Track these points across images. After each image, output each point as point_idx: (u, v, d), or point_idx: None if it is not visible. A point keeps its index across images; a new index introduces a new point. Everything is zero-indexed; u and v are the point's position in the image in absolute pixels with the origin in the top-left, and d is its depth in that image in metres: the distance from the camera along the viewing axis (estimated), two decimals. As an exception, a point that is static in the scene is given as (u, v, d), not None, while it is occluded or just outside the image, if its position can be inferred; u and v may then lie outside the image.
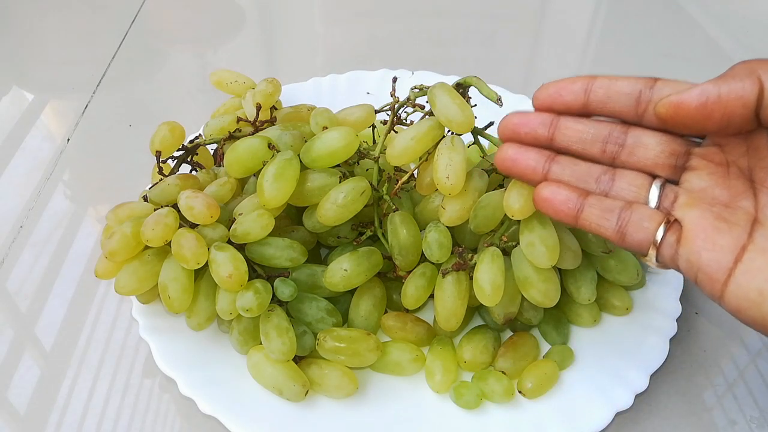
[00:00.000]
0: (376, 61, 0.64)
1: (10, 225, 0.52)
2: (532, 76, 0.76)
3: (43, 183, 0.56)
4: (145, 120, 0.63)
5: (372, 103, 0.48)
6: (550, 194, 0.33)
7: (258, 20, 0.84)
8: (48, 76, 0.72)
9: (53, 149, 0.60)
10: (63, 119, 0.64)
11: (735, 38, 0.79)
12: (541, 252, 0.37)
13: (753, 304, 0.27)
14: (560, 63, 0.78)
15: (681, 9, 0.85)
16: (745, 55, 0.73)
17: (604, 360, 0.41)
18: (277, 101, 0.54)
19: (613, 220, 0.31)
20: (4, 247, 0.50)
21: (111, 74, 0.70)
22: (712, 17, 0.84)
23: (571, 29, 0.84)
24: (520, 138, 0.34)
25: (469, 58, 0.77)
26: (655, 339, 0.41)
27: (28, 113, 0.65)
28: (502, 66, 0.76)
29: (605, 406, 0.38)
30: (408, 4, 0.87)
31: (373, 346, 0.40)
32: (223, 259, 0.38)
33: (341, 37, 0.81)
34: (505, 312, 0.40)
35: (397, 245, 0.41)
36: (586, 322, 0.43)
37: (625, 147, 0.33)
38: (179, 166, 0.47)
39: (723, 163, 0.31)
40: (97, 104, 0.65)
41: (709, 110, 0.28)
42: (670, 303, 0.43)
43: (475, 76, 0.42)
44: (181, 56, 0.77)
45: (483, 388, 0.39)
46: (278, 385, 0.38)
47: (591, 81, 0.33)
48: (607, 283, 0.43)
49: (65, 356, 0.43)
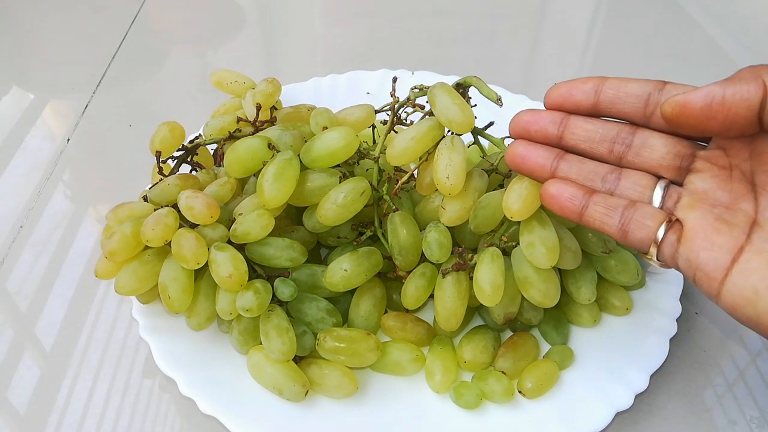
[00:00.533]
0: (376, 61, 0.64)
1: (10, 225, 0.52)
2: (532, 76, 0.76)
3: (43, 183, 0.56)
4: (145, 120, 0.63)
5: (372, 103, 0.48)
6: (556, 191, 0.33)
7: (258, 20, 0.84)
8: (48, 76, 0.72)
9: (53, 149, 0.60)
10: (63, 119, 0.64)
11: (735, 38, 0.79)
12: (541, 252, 0.37)
13: (748, 302, 0.28)
14: (560, 63, 0.78)
15: (681, 9, 0.85)
16: (745, 55, 0.73)
17: (604, 360, 0.41)
18: (277, 101, 0.54)
19: (617, 218, 0.32)
20: (4, 247, 0.50)
21: (111, 74, 0.70)
22: (712, 17, 0.84)
23: (571, 29, 0.84)
24: (530, 135, 0.35)
25: (469, 58, 0.77)
26: (655, 339, 0.41)
27: (28, 113, 0.65)
28: (502, 66, 0.76)
29: (605, 406, 0.38)
30: (408, 4, 0.87)
31: (373, 346, 0.40)
32: (223, 259, 0.38)
33: (341, 37, 0.81)
34: (505, 312, 0.40)
35: (397, 245, 0.41)
36: (586, 322, 0.43)
37: (632, 147, 0.33)
38: (179, 166, 0.47)
39: (726, 166, 0.31)
40: (97, 104, 0.65)
41: (714, 111, 0.29)
42: (670, 303, 0.43)
43: (475, 76, 0.42)
44: (181, 56, 0.77)
45: (483, 388, 0.39)
46: (278, 385, 0.38)
47: (602, 82, 0.33)
48: (607, 283, 0.43)
49: (65, 356, 0.43)
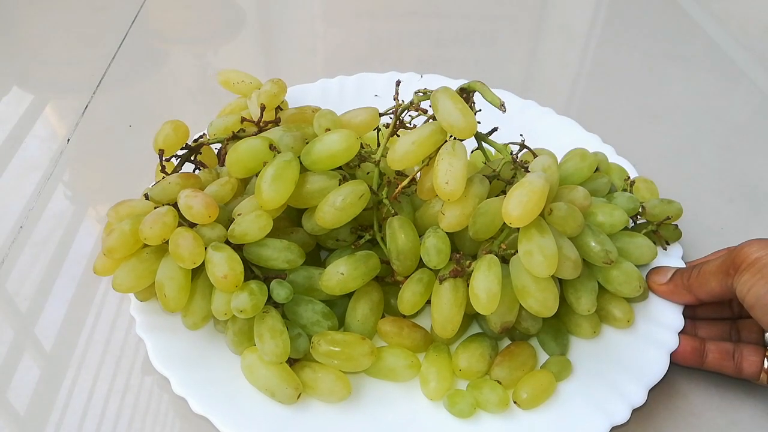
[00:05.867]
0: (375, 61, 0.64)
1: (10, 225, 0.53)
2: (532, 76, 0.75)
3: (43, 183, 0.56)
4: (145, 120, 0.63)
5: (380, 106, 0.48)
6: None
7: (258, 20, 0.84)
8: (48, 76, 0.72)
9: (53, 149, 0.60)
10: (63, 119, 0.64)
11: (735, 38, 0.79)
12: (539, 261, 0.37)
13: None
14: (560, 63, 0.77)
15: (681, 9, 0.85)
16: (745, 55, 0.73)
17: (603, 372, 0.40)
18: (283, 102, 0.54)
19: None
20: (4, 247, 0.51)
21: (111, 74, 0.70)
22: (712, 17, 0.83)
23: (571, 29, 0.84)
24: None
25: (469, 59, 0.76)
26: (655, 352, 0.41)
27: (28, 113, 0.65)
28: (503, 66, 0.75)
29: (601, 420, 0.37)
30: (408, 5, 0.87)
31: (368, 350, 0.39)
32: (219, 260, 0.38)
33: (341, 38, 0.81)
34: (502, 321, 0.40)
35: (395, 250, 0.41)
36: (586, 333, 0.42)
37: None
38: (182, 165, 0.47)
39: None
40: (97, 104, 0.66)
41: None
42: (672, 316, 0.42)
43: (479, 81, 0.42)
44: (181, 56, 0.77)
45: (477, 397, 0.39)
46: (270, 387, 0.38)
47: None
48: (608, 294, 0.42)
49: (65, 356, 0.44)
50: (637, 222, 0.47)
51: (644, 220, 0.46)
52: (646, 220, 0.46)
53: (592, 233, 0.41)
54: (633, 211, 0.45)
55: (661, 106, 0.69)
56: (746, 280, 0.37)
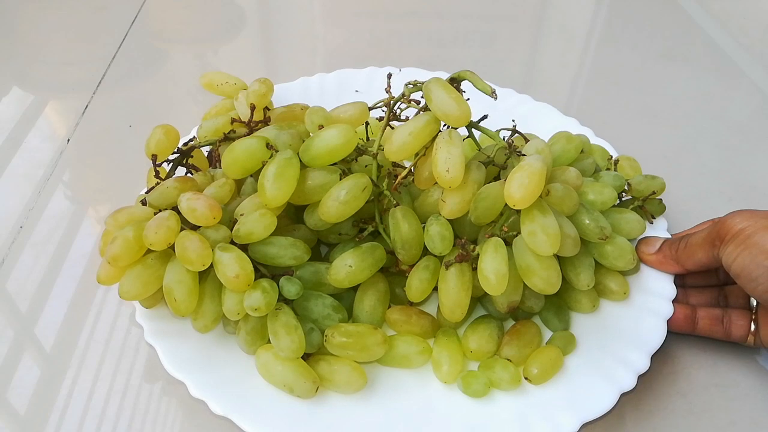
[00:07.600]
0: (375, 61, 0.64)
1: (10, 225, 0.52)
2: (532, 76, 0.76)
3: (43, 183, 0.55)
4: (145, 120, 0.63)
5: (362, 101, 0.49)
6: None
7: (258, 20, 0.83)
8: (48, 76, 0.71)
9: (53, 149, 0.59)
10: (63, 119, 0.63)
11: (735, 38, 0.80)
12: (542, 240, 0.38)
13: None
14: (560, 63, 0.78)
15: (681, 9, 0.86)
16: (745, 55, 0.74)
17: (606, 344, 0.42)
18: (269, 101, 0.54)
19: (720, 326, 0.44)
20: (4, 248, 0.50)
21: (111, 74, 0.69)
22: (712, 17, 0.85)
23: (571, 29, 0.85)
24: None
25: (468, 59, 0.77)
26: (653, 320, 0.42)
27: (28, 113, 0.64)
28: (502, 66, 0.76)
29: (610, 388, 0.39)
30: (408, 5, 0.87)
31: (381, 339, 0.40)
32: (229, 260, 0.38)
33: (341, 38, 0.81)
34: (509, 301, 0.41)
35: (399, 239, 0.42)
36: (585, 308, 0.44)
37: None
38: (175, 170, 0.46)
39: None
40: (97, 104, 0.65)
41: None
42: (665, 285, 0.44)
43: (469, 71, 0.43)
44: (181, 56, 0.76)
45: (490, 376, 0.40)
46: (289, 383, 0.38)
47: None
48: (604, 269, 0.44)
49: (65, 357, 0.43)
50: (623, 198, 0.49)
51: (630, 196, 0.48)
52: (631, 197, 0.48)
53: (587, 211, 0.42)
54: (620, 188, 0.47)
55: (661, 105, 0.69)
56: (731, 251, 0.39)
